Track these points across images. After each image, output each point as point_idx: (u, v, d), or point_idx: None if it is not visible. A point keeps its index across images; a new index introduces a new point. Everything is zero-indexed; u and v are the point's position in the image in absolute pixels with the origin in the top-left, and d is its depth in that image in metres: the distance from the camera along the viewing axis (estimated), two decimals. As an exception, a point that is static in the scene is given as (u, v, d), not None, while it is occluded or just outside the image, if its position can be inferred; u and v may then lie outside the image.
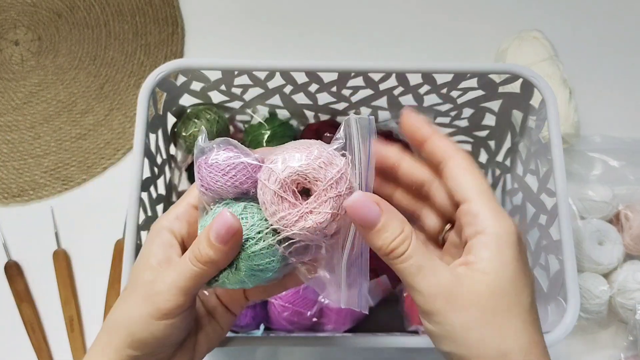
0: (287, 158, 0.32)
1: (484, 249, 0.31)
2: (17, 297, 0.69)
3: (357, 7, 0.87)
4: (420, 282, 0.31)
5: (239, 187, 0.33)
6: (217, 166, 0.33)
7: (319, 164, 0.31)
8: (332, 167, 0.32)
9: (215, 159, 0.33)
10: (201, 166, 0.34)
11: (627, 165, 0.73)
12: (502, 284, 0.31)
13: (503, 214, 0.32)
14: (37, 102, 0.81)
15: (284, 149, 0.33)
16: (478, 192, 0.33)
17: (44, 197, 0.76)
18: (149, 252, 0.35)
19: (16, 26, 0.85)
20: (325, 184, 0.31)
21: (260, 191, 0.33)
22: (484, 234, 0.32)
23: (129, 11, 0.86)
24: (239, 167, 0.33)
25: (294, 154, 0.32)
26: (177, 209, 0.36)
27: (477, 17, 0.86)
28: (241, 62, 0.54)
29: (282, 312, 0.58)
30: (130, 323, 0.34)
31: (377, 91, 0.59)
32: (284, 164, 0.32)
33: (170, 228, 0.36)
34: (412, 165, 0.37)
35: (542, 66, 0.75)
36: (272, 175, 0.32)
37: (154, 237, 0.36)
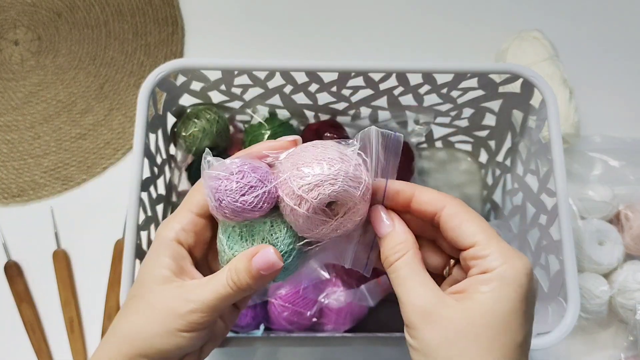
0: (311, 175, 0.31)
1: (483, 285, 0.31)
2: (17, 297, 0.69)
3: (357, 7, 0.87)
4: (403, 292, 0.32)
5: (263, 211, 0.33)
6: (240, 204, 0.32)
7: (349, 184, 0.32)
8: (360, 183, 0.32)
9: (234, 196, 0.32)
10: (220, 195, 0.32)
11: (628, 165, 0.73)
12: (491, 319, 0.30)
13: (515, 254, 0.32)
14: (36, 102, 0.81)
15: (301, 158, 0.32)
16: (484, 235, 0.32)
17: (44, 197, 0.76)
18: (159, 263, 0.35)
19: (16, 26, 0.85)
20: (356, 200, 0.32)
21: (290, 214, 0.33)
22: (488, 272, 0.31)
23: (129, 11, 0.86)
24: (262, 197, 0.32)
25: (315, 168, 0.31)
26: (181, 218, 0.36)
27: (477, 17, 0.86)
28: (241, 61, 0.54)
29: (282, 312, 0.58)
30: (147, 335, 0.34)
31: (377, 91, 0.59)
32: (313, 189, 0.31)
33: (177, 239, 0.36)
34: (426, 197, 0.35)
35: (542, 66, 0.75)
36: (303, 202, 0.32)
37: (162, 249, 0.35)
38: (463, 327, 0.30)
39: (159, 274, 0.34)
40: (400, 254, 0.33)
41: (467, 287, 0.32)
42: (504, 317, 0.30)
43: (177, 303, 0.33)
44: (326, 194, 0.31)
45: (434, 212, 0.34)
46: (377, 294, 0.60)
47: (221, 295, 0.34)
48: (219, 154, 0.63)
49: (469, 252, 0.33)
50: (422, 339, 0.31)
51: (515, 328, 0.31)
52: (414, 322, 0.31)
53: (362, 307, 0.60)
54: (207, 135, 0.61)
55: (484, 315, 0.30)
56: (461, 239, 0.33)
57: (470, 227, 0.33)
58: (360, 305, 0.60)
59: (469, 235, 0.33)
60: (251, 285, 0.33)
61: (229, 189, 0.32)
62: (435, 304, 0.31)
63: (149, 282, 0.35)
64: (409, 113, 0.63)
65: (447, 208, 0.34)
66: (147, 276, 0.35)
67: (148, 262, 0.36)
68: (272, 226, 0.34)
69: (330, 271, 0.61)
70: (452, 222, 0.33)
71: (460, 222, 0.33)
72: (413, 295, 0.32)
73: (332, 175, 0.31)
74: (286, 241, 0.34)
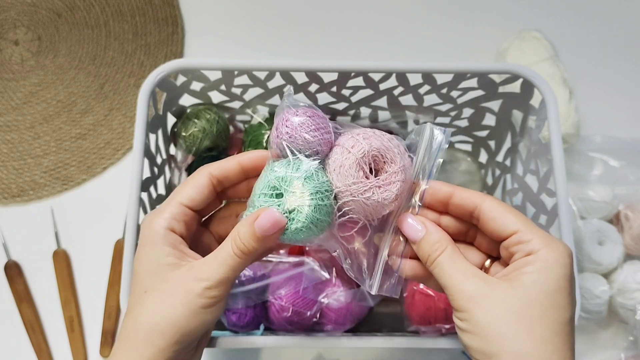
0: (366, 137, 0.35)
1: (528, 266, 0.33)
2: (17, 297, 0.69)
3: (357, 8, 0.87)
4: (449, 282, 0.34)
5: (318, 147, 0.36)
6: (306, 125, 0.35)
7: (397, 150, 0.36)
8: (404, 158, 0.36)
9: (304, 119, 0.36)
10: (289, 120, 0.36)
11: (628, 165, 0.73)
12: (539, 296, 0.32)
13: (555, 239, 0.34)
14: (36, 102, 0.81)
15: (357, 131, 0.36)
16: (525, 223, 0.34)
17: (44, 197, 0.76)
18: (162, 252, 0.36)
19: (16, 26, 0.85)
20: (397, 168, 0.35)
21: (340, 156, 0.36)
22: (531, 255, 0.33)
23: (129, 11, 0.86)
24: (325, 129, 0.36)
25: (370, 135, 0.36)
26: (172, 209, 0.37)
27: (477, 17, 0.86)
28: (241, 62, 0.54)
29: (282, 313, 0.58)
30: (176, 320, 0.35)
31: (377, 91, 0.59)
32: (366, 140, 0.35)
33: (171, 228, 0.37)
34: (466, 194, 0.37)
35: (542, 66, 0.75)
36: (357, 145, 0.35)
37: (159, 238, 0.36)
38: (512, 305, 0.32)
39: (165, 262, 0.36)
40: (439, 250, 0.35)
41: (511, 270, 0.34)
42: (551, 294, 0.32)
43: (193, 284, 0.35)
44: (377, 144, 0.35)
45: (474, 206, 0.36)
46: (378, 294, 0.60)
47: (230, 266, 0.35)
48: (218, 154, 0.63)
49: (512, 239, 0.34)
50: (472, 320, 0.33)
51: (562, 305, 0.32)
52: (463, 305, 0.33)
53: (362, 307, 0.60)
54: (207, 135, 0.61)
55: (532, 293, 0.32)
56: (503, 227, 0.35)
57: (510, 216, 0.35)
58: (361, 305, 0.60)
59: (510, 224, 0.34)
60: (257, 247, 0.35)
61: (304, 123, 0.36)
62: (483, 286, 0.33)
63: (160, 273, 0.36)
64: (408, 113, 0.63)
65: (487, 202, 0.35)
66: (153, 268, 0.36)
67: (147, 254, 0.36)
68: (317, 169, 0.36)
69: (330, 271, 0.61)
70: (493, 213, 0.35)
71: (501, 213, 0.35)
72: (460, 281, 0.34)
73: (385, 139, 0.36)
74: (326, 185, 0.35)
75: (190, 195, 0.37)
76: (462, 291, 0.33)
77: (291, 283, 0.59)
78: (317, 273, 0.60)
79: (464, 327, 0.33)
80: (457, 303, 0.34)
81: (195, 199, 0.38)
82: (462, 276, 0.34)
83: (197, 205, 0.38)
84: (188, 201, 0.37)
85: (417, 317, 0.58)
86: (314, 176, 0.35)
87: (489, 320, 0.32)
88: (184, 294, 0.35)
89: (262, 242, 0.35)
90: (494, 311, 0.32)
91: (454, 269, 0.35)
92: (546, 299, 0.32)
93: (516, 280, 0.33)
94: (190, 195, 0.37)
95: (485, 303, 0.33)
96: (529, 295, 0.32)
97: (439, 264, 0.35)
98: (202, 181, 0.38)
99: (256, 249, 0.35)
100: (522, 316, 0.32)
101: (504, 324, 0.32)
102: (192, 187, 0.38)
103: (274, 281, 0.59)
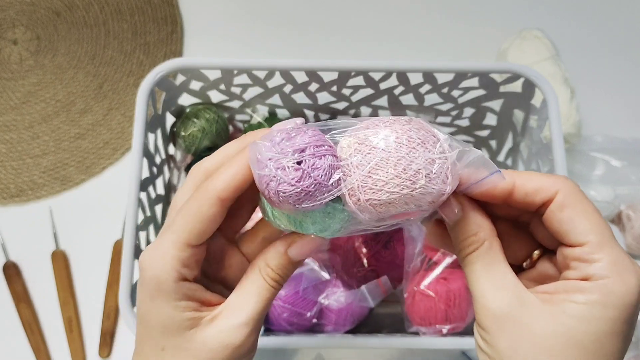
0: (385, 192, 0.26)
1: (581, 294, 0.26)
2: (16, 297, 0.69)
3: (358, 6, 0.87)
4: (477, 291, 0.28)
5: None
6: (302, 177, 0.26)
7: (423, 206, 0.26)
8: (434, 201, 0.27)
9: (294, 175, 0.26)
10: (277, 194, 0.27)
11: (629, 165, 0.73)
12: (584, 338, 0.25)
13: (630, 266, 0.26)
14: (35, 101, 0.81)
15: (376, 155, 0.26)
16: (598, 235, 0.27)
17: (43, 197, 0.76)
18: (176, 308, 0.30)
19: (15, 25, 0.85)
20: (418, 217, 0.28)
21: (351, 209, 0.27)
22: (591, 280, 0.26)
23: (128, 10, 0.86)
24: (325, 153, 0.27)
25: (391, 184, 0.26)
26: (178, 252, 0.29)
27: (478, 16, 0.86)
28: (241, 61, 0.54)
29: (281, 313, 0.58)
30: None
31: (378, 90, 0.59)
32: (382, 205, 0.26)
33: (184, 276, 0.30)
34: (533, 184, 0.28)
35: (543, 65, 0.75)
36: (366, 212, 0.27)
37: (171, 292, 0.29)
38: (544, 339, 0.26)
39: (183, 318, 0.29)
40: (473, 246, 0.28)
41: (558, 290, 0.27)
42: (598, 338, 0.25)
43: (230, 336, 0.29)
44: (393, 213, 0.27)
45: (544, 201, 0.28)
46: (378, 295, 0.60)
47: (268, 300, 0.30)
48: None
49: (575, 251, 0.27)
50: (494, 345, 0.27)
51: (609, 353, 0.26)
52: (487, 324, 0.27)
53: (362, 307, 0.60)
54: (206, 135, 0.61)
55: (576, 332, 0.26)
56: (571, 234, 0.27)
57: (583, 222, 0.27)
58: (361, 306, 0.60)
59: (580, 232, 0.27)
60: (291, 273, 0.31)
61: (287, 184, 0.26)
62: (515, 306, 0.27)
63: (178, 331, 0.30)
64: (409, 113, 0.63)
65: (560, 195, 0.27)
66: (170, 325, 0.30)
67: (160, 310, 0.30)
68: (326, 212, 0.28)
69: (330, 272, 0.61)
70: (563, 213, 0.27)
71: (573, 215, 0.27)
72: (488, 295, 0.27)
73: (409, 195, 0.26)
74: (335, 226, 0.28)
75: (199, 232, 0.29)
76: (489, 307, 0.27)
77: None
78: (317, 273, 0.60)
79: (483, 348, 0.28)
80: (480, 318, 0.28)
81: (206, 235, 0.29)
82: (493, 287, 0.28)
83: (206, 239, 0.30)
84: (197, 240, 0.29)
85: (418, 317, 0.58)
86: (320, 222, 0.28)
87: (510, 354, 0.26)
88: (221, 350, 0.29)
89: (296, 265, 0.30)
90: (521, 343, 0.26)
91: (486, 275, 0.28)
92: (593, 342, 0.25)
93: (560, 307, 0.26)
94: (200, 232, 0.29)
95: (513, 329, 0.26)
96: (570, 333, 0.25)
97: (470, 264, 0.29)
98: (213, 212, 0.29)
99: (290, 274, 0.30)
100: (553, 357, 0.26)
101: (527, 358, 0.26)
102: (201, 222, 0.29)
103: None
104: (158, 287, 0.29)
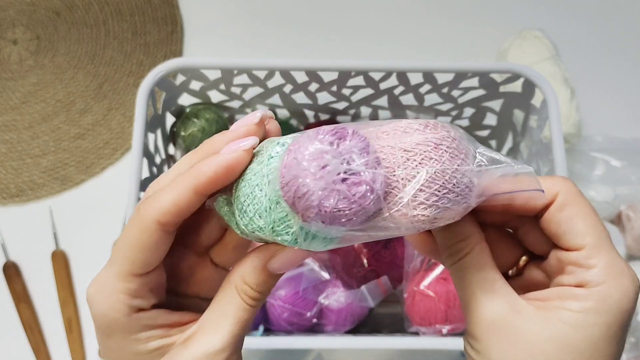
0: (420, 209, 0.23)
1: (576, 301, 0.25)
2: (16, 297, 0.69)
3: (357, 6, 0.87)
4: (467, 299, 0.27)
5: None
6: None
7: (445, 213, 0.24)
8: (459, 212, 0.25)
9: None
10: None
11: (629, 166, 0.73)
12: (580, 344, 0.25)
13: (625, 270, 0.25)
14: (35, 101, 0.81)
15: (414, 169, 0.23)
16: (595, 238, 0.25)
17: (43, 198, 0.76)
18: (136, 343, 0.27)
19: (15, 25, 0.85)
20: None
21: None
22: (585, 288, 0.25)
23: (128, 10, 0.86)
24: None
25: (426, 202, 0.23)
26: (125, 284, 0.26)
27: (478, 16, 0.86)
28: (240, 61, 0.54)
29: (281, 313, 0.58)
30: None
31: (378, 90, 0.59)
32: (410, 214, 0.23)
33: (138, 307, 0.27)
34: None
35: (543, 65, 0.74)
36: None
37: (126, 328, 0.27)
38: (539, 346, 0.25)
39: (148, 350, 0.27)
40: (463, 252, 0.27)
41: (551, 296, 0.26)
42: (594, 343, 0.25)
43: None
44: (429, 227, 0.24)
45: (546, 204, 0.26)
46: (378, 295, 0.60)
47: (246, 322, 0.27)
48: (218, 153, 0.63)
49: (571, 256, 0.26)
50: (486, 354, 0.26)
51: (604, 355, 0.25)
52: (478, 333, 0.26)
53: (362, 307, 0.60)
54: (206, 135, 0.61)
55: (571, 339, 0.25)
56: (568, 236, 0.26)
57: (581, 223, 0.26)
58: (361, 306, 0.60)
59: (578, 234, 0.25)
60: (273, 284, 0.27)
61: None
62: (508, 313, 0.25)
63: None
64: (409, 113, 0.63)
65: (561, 196, 0.26)
66: (136, 358, 0.27)
67: (120, 347, 0.27)
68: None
69: (330, 272, 0.61)
70: (562, 213, 0.26)
71: (572, 215, 0.26)
72: (480, 302, 0.26)
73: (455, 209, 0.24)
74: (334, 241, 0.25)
75: (143, 261, 0.26)
76: (480, 315, 0.26)
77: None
78: (317, 273, 0.60)
79: (474, 357, 0.27)
80: (471, 327, 0.26)
81: (152, 262, 0.26)
82: (485, 294, 0.26)
83: (157, 264, 0.27)
84: (143, 269, 0.26)
85: (418, 318, 0.58)
86: None
87: (502, 359, 0.25)
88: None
89: (278, 278, 0.27)
90: (515, 351, 0.25)
91: (477, 282, 0.26)
92: (588, 348, 0.25)
93: (554, 314, 0.25)
94: (145, 262, 0.26)
95: (506, 337, 0.25)
96: (566, 340, 0.25)
97: (459, 270, 0.27)
98: (154, 239, 0.26)
99: (271, 289, 0.27)
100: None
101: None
102: (143, 251, 0.26)
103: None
104: (110, 324, 0.26)
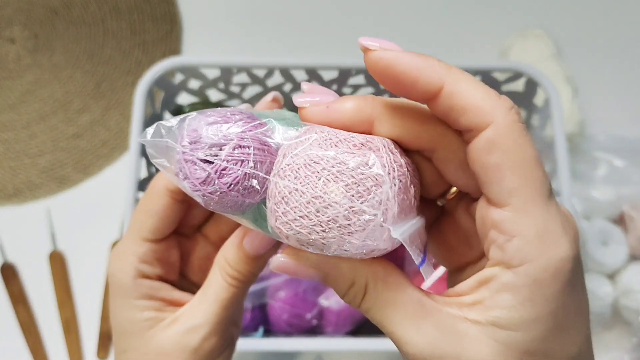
0: (301, 221, 0.21)
1: (507, 294, 0.20)
2: (13, 298, 0.69)
3: (358, 4, 0.86)
4: (394, 337, 0.22)
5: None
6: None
7: (345, 248, 0.21)
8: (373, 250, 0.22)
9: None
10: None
11: (632, 165, 0.73)
12: (528, 345, 0.21)
13: (558, 238, 0.20)
14: (33, 100, 0.80)
15: (308, 170, 0.21)
16: (524, 195, 0.20)
17: (40, 198, 0.75)
18: (134, 308, 0.29)
19: (12, 24, 0.84)
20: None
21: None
22: (512, 269, 0.20)
23: (126, 8, 0.85)
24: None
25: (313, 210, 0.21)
26: (135, 248, 0.29)
27: (480, 14, 0.85)
28: (240, 59, 0.53)
29: (281, 315, 0.57)
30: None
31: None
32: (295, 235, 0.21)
33: (143, 273, 0.29)
34: (469, 100, 0.21)
35: (545, 64, 0.74)
36: (282, 235, 0.22)
37: (130, 291, 0.29)
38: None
39: (141, 319, 0.29)
40: (359, 296, 0.23)
41: (484, 298, 0.21)
42: (547, 335, 0.21)
43: (186, 338, 0.28)
44: (313, 252, 0.22)
45: (469, 128, 0.21)
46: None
47: (226, 300, 0.28)
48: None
49: (494, 214, 0.21)
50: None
51: (563, 341, 0.22)
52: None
53: (362, 309, 0.60)
54: (205, 134, 0.61)
55: (515, 343, 0.21)
56: (490, 187, 0.21)
57: (508, 176, 0.20)
58: (361, 307, 0.59)
59: (502, 190, 0.20)
60: (253, 270, 0.28)
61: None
62: (441, 341, 0.21)
63: (137, 332, 0.29)
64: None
65: (492, 129, 0.20)
66: (129, 327, 0.29)
67: (119, 311, 0.29)
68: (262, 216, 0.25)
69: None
70: (489, 156, 0.20)
71: (498, 163, 0.20)
72: (408, 338, 0.22)
73: (319, 242, 0.21)
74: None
75: (152, 226, 0.29)
76: (414, 353, 0.22)
77: (291, 284, 0.58)
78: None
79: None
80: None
81: (160, 229, 0.29)
82: (410, 325, 0.22)
83: (166, 233, 0.30)
84: (152, 234, 0.29)
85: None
86: None
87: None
88: (176, 353, 0.28)
89: (257, 262, 0.28)
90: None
91: (394, 316, 0.22)
92: (541, 346, 0.21)
93: (490, 321, 0.21)
94: (153, 227, 0.29)
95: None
96: (513, 346, 0.21)
97: (367, 312, 0.23)
98: (162, 204, 0.29)
99: (253, 272, 0.28)
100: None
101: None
102: (152, 216, 0.29)
103: (273, 283, 0.58)
104: (118, 285, 0.29)
